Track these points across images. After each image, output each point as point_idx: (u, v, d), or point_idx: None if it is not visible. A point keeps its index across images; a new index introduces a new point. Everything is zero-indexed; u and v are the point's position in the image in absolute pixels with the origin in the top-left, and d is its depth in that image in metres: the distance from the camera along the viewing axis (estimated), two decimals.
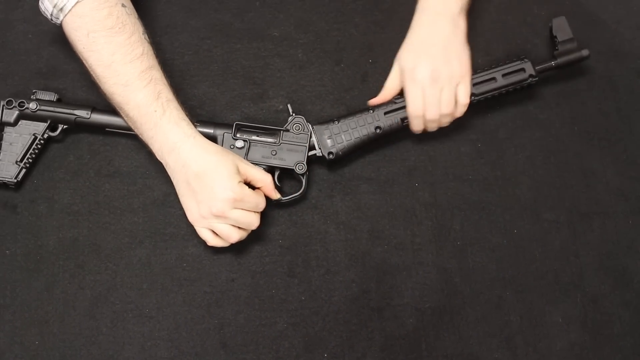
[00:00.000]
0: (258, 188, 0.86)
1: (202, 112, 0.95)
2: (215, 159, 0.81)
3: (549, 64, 0.93)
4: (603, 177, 0.96)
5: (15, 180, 0.89)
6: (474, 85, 0.91)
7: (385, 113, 0.91)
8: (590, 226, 0.93)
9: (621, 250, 0.93)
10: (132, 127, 0.85)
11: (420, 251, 0.91)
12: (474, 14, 1.01)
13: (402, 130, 0.92)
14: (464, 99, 0.88)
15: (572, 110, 0.98)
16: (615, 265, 0.92)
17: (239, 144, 0.88)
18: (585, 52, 0.93)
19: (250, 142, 0.89)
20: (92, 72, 0.83)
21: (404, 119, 0.91)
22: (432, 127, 0.91)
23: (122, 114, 0.85)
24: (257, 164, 0.88)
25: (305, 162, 0.89)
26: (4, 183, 0.89)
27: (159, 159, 0.84)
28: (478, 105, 0.93)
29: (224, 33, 0.99)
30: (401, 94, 0.91)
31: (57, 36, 0.97)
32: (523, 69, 0.91)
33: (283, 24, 1.00)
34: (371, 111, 0.90)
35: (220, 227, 0.82)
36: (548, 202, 0.94)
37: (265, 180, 0.85)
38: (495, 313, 0.90)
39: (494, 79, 0.91)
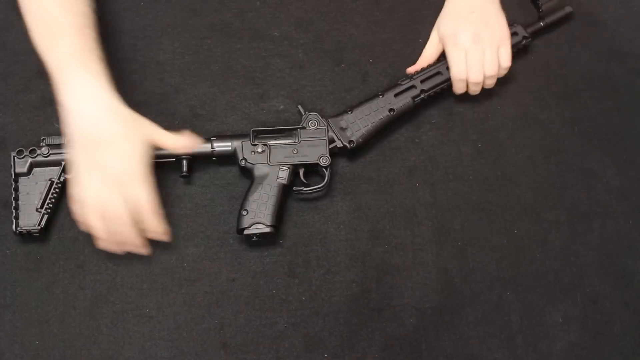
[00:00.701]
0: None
1: (202, 112, 0.95)
2: (127, 125, 0.78)
3: (538, 24, 0.99)
4: (603, 177, 0.96)
5: (39, 228, 0.86)
6: None
7: (396, 95, 0.92)
8: (590, 226, 0.93)
9: (621, 250, 0.93)
10: (49, 73, 0.80)
11: (420, 251, 0.91)
12: None
13: (414, 109, 0.93)
14: (506, 62, 0.92)
15: (572, 110, 0.98)
16: (615, 265, 0.92)
17: (259, 149, 0.89)
18: (569, 9, 1.00)
19: (270, 146, 0.89)
20: (26, 14, 0.82)
21: (415, 98, 0.92)
22: (475, 90, 0.93)
23: (42, 58, 0.81)
24: (281, 165, 0.88)
25: (328, 155, 0.89)
26: (29, 232, 0.87)
27: (64, 109, 0.79)
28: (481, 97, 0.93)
29: (224, 33, 0.99)
30: (406, 75, 0.94)
31: None
32: (516, 32, 0.96)
33: (283, 24, 1.00)
34: (381, 95, 0.92)
35: (114, 206, 0.77)
36: (548, 202, 0.94)
37: (177, 143, 0.83)
38: (495, 313, 0.90)
39: None
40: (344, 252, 0.91)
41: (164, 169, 0.86)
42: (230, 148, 0.89)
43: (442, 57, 0.94)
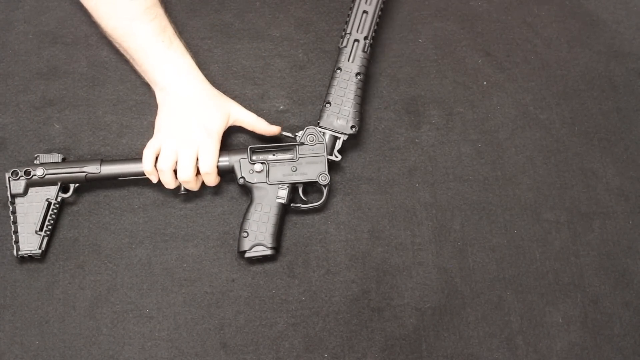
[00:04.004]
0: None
1: None
2: (215, 95, 0.89)
3: None
4: (603, 177, 0.96)
5: (40, 251, 0.86)
6: None
7: (349, 59, 0.90)
8: (590, 226, 0.93)
9: (621, 250, 0.93)
10: (132, 56, 0.89)
11: (421, 251, 0.91)
12: (474, 14, 1.01)
13: (372, 59, 0.92)
14: None
15: (572, 110, 0.98)
16: (616, 265, 0.92)
17: (258, 167, 0.88)
18: None
19: (268, 164, 0.88)
20: (95, 10, 0.88)
21: (364, 49, 0.90)
22: None
23: (122, 45, 0.89)
24: (279, 184, 0.88)
25: (327, 172, 0.88)
26: (30, 256, 0.87)
27: (155, 85, 0.89)
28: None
29: (224, 33, 0.99)
30: None
31: (57, 36, 0.97)
32: None
33: (283, 24, 1.00)
34: (339, 70, 0.90)
35: (166, 155, 0.85)
36: (548, 202, 0.94)
37: (256, 126, 0.91)
38: (496, 313, 0.90)
39: None
40: (344, 252, 0.91)
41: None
42: (228, 163, 0.88)
43: None
